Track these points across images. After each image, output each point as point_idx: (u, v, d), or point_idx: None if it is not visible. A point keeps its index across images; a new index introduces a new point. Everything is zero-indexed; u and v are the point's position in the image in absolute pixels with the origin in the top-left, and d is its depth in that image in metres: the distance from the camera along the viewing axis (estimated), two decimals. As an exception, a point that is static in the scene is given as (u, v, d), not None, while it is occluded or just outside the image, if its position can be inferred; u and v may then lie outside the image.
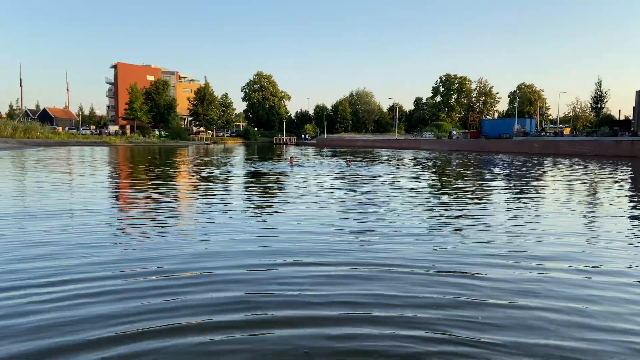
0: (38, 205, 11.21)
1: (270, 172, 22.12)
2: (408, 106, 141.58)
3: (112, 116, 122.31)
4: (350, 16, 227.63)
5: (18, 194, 13.71)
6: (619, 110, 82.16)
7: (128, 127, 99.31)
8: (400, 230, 8.27)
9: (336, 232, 8.02)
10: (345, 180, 18.02)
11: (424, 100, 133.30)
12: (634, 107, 66.64)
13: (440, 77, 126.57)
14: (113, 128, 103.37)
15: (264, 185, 16.55)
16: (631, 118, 69.83)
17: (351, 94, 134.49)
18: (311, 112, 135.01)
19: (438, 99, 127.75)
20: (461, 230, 8.46)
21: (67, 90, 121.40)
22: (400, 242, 7.40)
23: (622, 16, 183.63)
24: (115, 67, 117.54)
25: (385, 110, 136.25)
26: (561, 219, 9.94)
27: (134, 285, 5.19)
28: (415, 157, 41.87)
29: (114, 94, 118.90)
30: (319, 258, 6.37)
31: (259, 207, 11.11)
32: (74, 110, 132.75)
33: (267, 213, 10.25)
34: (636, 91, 64.86)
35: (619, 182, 19.56)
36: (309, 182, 17.60)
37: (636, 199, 13.92)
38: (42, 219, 9.11)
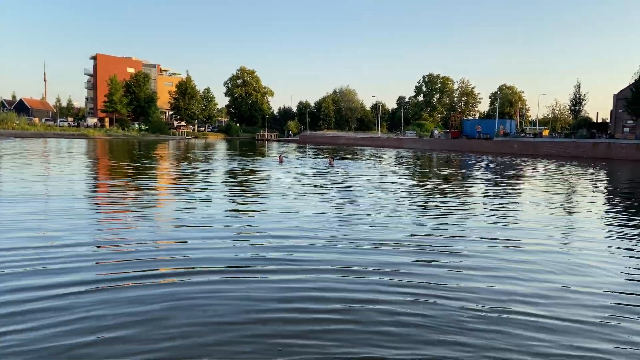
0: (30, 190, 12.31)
1: (264, 169, 23.06)
2: (391, 105, 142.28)
3: (90, 108, 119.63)
4: (334, 14, 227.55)
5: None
6: (597, 113, 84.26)
7: (107, 119, 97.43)
8: (384, 217, 9.17)
9: (329, 218, 8.95)
10: (331, 176, 18.69)
11: (406, 100, 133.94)
12: (611, 110, 68.06)
13: (423, 77, 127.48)
14: (92, 120, 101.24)
15: (264, 180, 17.54)
16: (608, 121, 71.37)
17: (334, 92, 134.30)
18: (294, 109, 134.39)
19: (420, 98, 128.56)
20: (436, 213, 9.72)
21: (45, 80, 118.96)
22: (381, 223, 8.27)
23: (601, 20, 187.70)
24: (94, 58, 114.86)
25: (368, 108, 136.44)
26: (531, 210, 11.10)
27: (118, 249, 5.98)
28: (397, 156, 42.26)
29: (93, 85, 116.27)
30: (310, 232, 7.48)
31: (258, 196, 12.30)
32: (51, 101, 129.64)
33: (262, 203, 11.06)
34: (614, 94, 66.28)
35: (592, 180, 20.04)
36: (300, 177, 18.55)
37: (608, 198, 14.34)
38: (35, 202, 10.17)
